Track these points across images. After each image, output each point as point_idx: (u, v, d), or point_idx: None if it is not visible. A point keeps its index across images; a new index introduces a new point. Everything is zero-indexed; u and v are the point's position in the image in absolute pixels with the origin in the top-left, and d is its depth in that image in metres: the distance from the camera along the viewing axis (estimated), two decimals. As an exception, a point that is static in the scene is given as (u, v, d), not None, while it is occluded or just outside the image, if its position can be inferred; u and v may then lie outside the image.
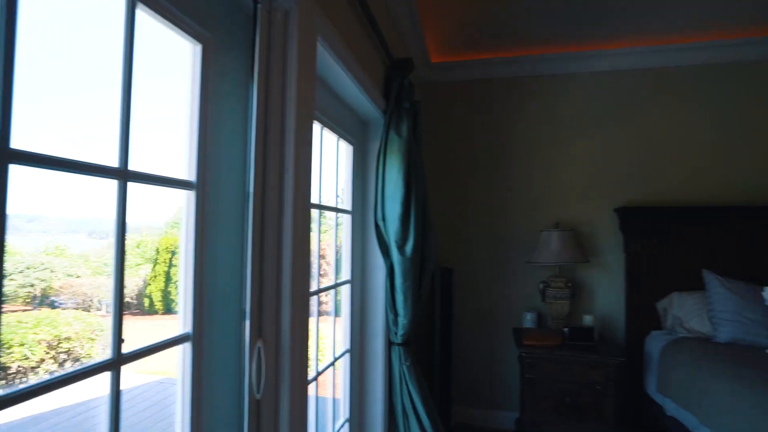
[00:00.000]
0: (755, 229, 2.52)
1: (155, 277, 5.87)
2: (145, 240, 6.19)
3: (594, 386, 2.35)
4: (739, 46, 2.63)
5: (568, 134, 2.88)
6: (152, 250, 6.07)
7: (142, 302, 5.84)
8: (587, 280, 2.82)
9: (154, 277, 5.94)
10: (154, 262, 6.00)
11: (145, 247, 6.22)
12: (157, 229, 6.19)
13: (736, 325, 2.16)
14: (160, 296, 5.62)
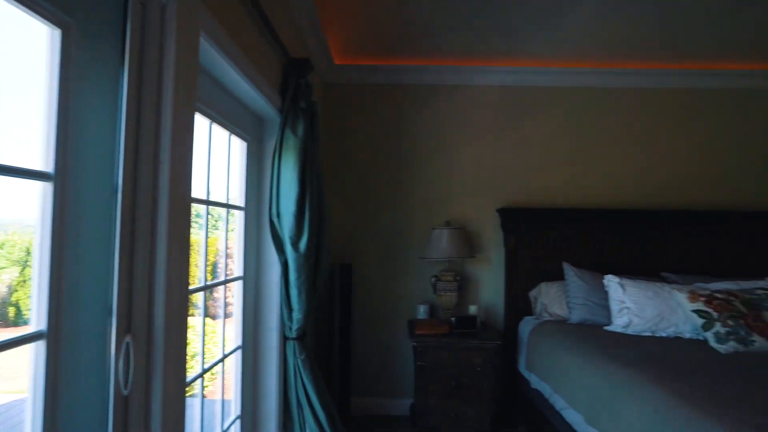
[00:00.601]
0: (603, 228, 3.01)
1: (24, 282, 5.15)
2: (11, 239, 5.39)
3: (475, 368, 2.62)
4: (598, 74, 3.11)
5: (458, 140, 3.15)
6: (21, 251, 5.31)
7: (6, 312, 5.08)
8: (474, 274, 3.12)
9: (22, 281, 5.20)
10: (23, 264, 5.25)
11: (12, 247, 5.42)
12: (31, 226, 5.42)
13: (585, 308, 2.58)
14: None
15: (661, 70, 3.09)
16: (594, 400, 1.78)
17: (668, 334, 2.29)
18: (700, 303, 2.23)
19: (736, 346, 2.04)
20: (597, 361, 1.91)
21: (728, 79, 3.14)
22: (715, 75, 3.12)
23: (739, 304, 2.21)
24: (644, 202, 3.13)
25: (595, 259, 3.00)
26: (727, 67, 3.10)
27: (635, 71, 3.10)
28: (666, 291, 2.39)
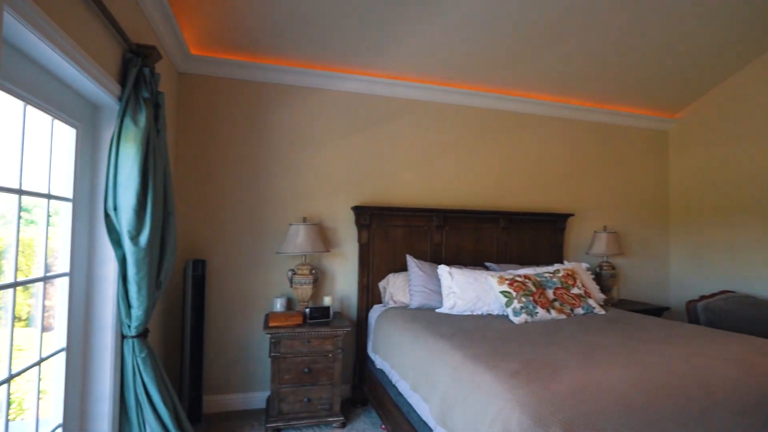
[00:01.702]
0: (442, 226, 3.49)
1: None
2: None
3: (327, 354, 2.82)
4: (441, 91, 3.58)
5: (316, 140, 3.32)
6: None
7: None
8: (330, 267, 3.33)
9: None
10: None
11: None
12: None
13: (423, 294, 2.98)
14: None
15: (486, 93, 3.71)
16: (417, 369, 2.11)
17: (482, 312, 2.80)
18: (505, 285, 2.78)
19: (526, 317, 2.60)
20: (422, 337, 2.26)
21: (531, 106, 3.92)
22: (522, 102, 3.86)
23: (531, 284, 2.82)
24: (475, 203, 3.72)
25: (436, 252, 3.47)
26: (532, 96, 3.87)
27: (470, 92, 3.66)
28: (483, 277, 2.91)
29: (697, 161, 4.22)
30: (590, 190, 4.18)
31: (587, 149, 4.19)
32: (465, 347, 1.96)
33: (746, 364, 1.77)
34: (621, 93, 3.96)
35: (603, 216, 4.22)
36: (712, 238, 4.04)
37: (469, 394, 1.60)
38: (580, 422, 1.35)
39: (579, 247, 4.10)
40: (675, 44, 3.33)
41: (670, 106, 4.27)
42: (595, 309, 2.87)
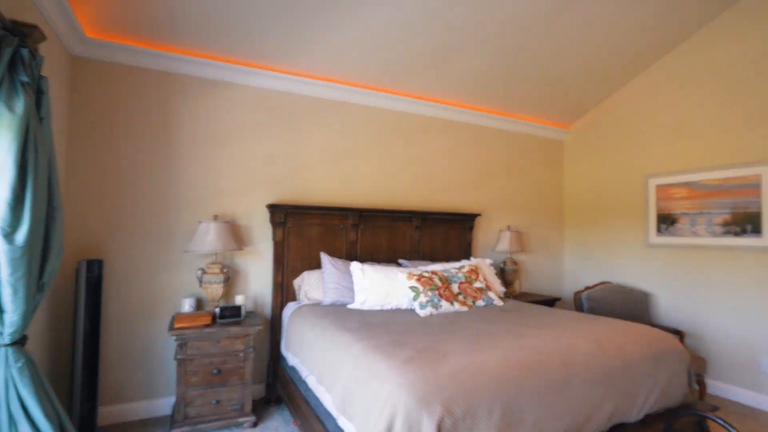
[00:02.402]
0: (358, 224, 3.59)
1: None
2: None
3: (238, 354, 2.77)
4: (359, 94, 3.68)
5: (231, 137, 3.25)
6: None
7: None
8: (244, 265, 3.27)
9: None
10: None
11: None
12: None
13: (336, 291, 3.04)
14: None
15: (403, 98, 3.88)
16: (323, 362, 2.18)
17: (392, 307, 2.93)
18: (413, 281, 2.94)
19: (432, 310, 2.78)
20: (329, 332, 2.32)
21: (443, 112, 4.17)
22: (435, 107, 4.10)
23: (438, 279, 3.02)
24: (390, 203, 3.87)
25: (351, 250, 3.56)
26: (445, 102, 4.12)
27: (387, 95, 3.80)
28: (393, 273, 3.05)
29: (584, 168, 4.77)
30: (497, 192, 4.54)
31: (494, 154, 4.54)
32: (368, 339, 2.06)
33: (601, 342, 2.08)
34: (523, 104, 4.36)
35: (508, 216, 4.60)
36: (595, 235, 4.60)
37: (366, 382, 1.70)
38: (458, 399, 1.50)
39: (487, 244, 4.44)
40: (568, 64, 3.75)
41: (564, 118, 4.78)
42: (495, 301, 3.14)
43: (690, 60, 3.76)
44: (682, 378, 2.27)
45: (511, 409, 1.60)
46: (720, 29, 3.55)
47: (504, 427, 1.57)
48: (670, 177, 3.88)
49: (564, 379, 1.78)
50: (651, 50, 3.82)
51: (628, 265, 4.24)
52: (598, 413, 1.87)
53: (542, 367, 1.78)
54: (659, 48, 3.81)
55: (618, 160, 4.39)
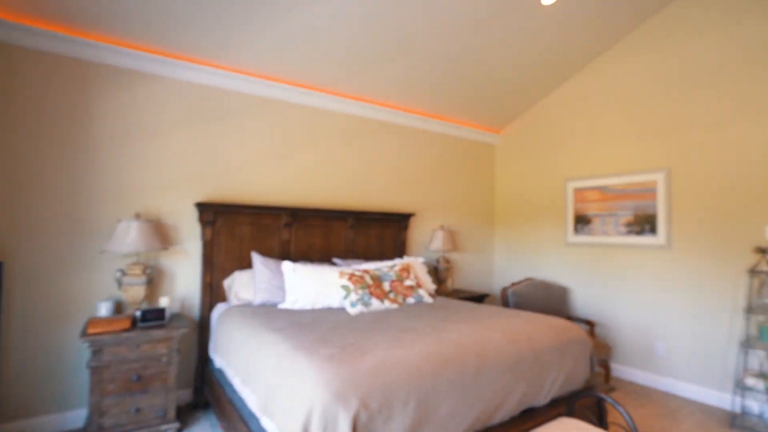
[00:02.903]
0: (292, 223, 3.57)
1: None
2: None
3: (160, 359, 2.66)
4: (295, 92, 3.65)
5: (156, 131, 3.09)
6: None
7: None
8: (169, 266, 3.13)
9: None
10: None
11: None
12: None
13: (267, 291, 3.01)
14: None
15: (340, 98, 3.91)
16: (248, 363, 2.15)
17: (324, 306, 2.95)
18: (345, 279, 2.98)
19: (362, 308, 2.84)
20: (256, 332, 2.30)
21: (380, 113, 4.26)
22: (372, 109, 4.17)
23: (369, 278, 3.08)
24: (325, 202, 3.88)
25: (284, 249, 3.53)
26: (382, 104, 4.21)
27: (323, 95, 3.81)
28: (325, 272, 3.07)
29: (513, 171, 5.08)
30: (431, 193, 4.70)
31: (429, 156, 4.70)
32: (293, 338, 2.07)
33: (513, 334, 2.25)
34: (458, 109, 4.55)
35: (442, 216, 4.79)
36: (522, 234, 4.92)
37: (288, 380, 1.71)
38: (375, 393, 1.57)
39: (421, 243, 4.58)
40: (498, 73, 3.98)
41: (496, 123, 5.05)
42: (425, 298, 3.27)
43: (600, 76, 4.13)
44: (585, 364, 2.51)
45: (427, 399, 1.70)
46: (625, 51, 3.94)
47: (419, 417, 1.66)
48: (585, 181, 4.25)
49: (477, 370, 1.91)
50: (569, 65, 4.16)
51: (550, 262, 4.57)
52: (509, 399, 2.02)
53: (458, 360, 1.89)
54: (575, 64, 4.16)
55: (542, 164, 4.72)
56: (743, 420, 3.02)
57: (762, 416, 3.05)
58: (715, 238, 3.35)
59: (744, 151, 3.22)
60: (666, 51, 3.67)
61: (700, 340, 3.41)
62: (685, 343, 3.50)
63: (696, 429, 2.92)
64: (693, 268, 3.46)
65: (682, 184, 3.55)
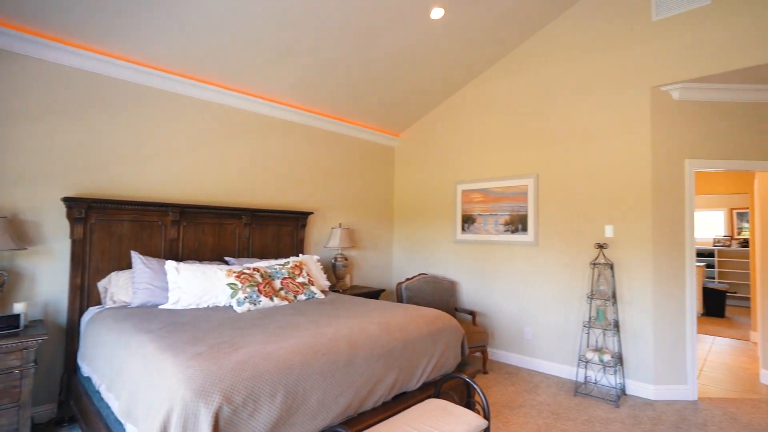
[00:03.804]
0: (180, 221, 3.41)
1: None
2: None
3: (11, 371, 2.39)
4: (187, 85, 3.47)
5: (19, 118, 2.76)
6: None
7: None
8: (29, 268, 2.81)
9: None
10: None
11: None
12: None
13: (147, 291, 2.86)
14: None
15: (235, 93, 3.81)
16: (114, 367, 2.04)
17: (209, 305, 2.89)
18: (232, 278, 2.94)
19: (249, 306, 2.83)
20: (125, 334, 2.19)
21: (279, 111, 4.25)
22: (271, 106, 4.14)
23: (259, 276, 3.08)
24: (219, 199, 3.77)
25: (172, 248, 3.36)
26: (282, 102, 4.19)
27: (217, 89, 3.68)
28: (213, 270, 3.00)
29: (411, 173, 5.38)
30: (332, 192, 4.79)
31: (331, 156, 4.79)
32: (165, 339, 2.01)
33: (389, 325, 2.43)
34: (361, 112, 4.69)
35: (342, 215, 4.90)
36: (418, 232, 5.23)
37: (150, 382, 1.67)
38: (240, 387, 1.61)
39: (320, 241, 4.65)
40: (395, 79, 4.18)
41: (395, 127, 5.30)
42: (317, 294, 3.34)
43: (486, 89, 4.57)
44: (456, 350, 2.79)
45: (296, 390, 1.78)
46: (506, 68, 4.40)
47: (288, 408, 1.73)
48: (471, 184, 4.66)
49: (349, 360, 2.04)
50: (459, 77, 4.53)
51: (442, 258, 4.94)
52: (381, 385, 2.19)
53: (330, 351, 2.00)
54: (464, 76, 4.54)
55: (436, 167, 5.07)
56: (585, 387, 3.59)
57: (598, 383, 3.64)
58: (570, 235, 3.90)
59: (593, 162, 3.80)
60: (539, 71, 4.18)
61: (557, 324, 3.96)
62: (546, 328, 4.04)
63: (549, 398, 3.40)
64: (554, 262, 4.00)
65: (547, 189, 4.08)
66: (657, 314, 3.44)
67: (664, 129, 3.52)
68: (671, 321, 3.45)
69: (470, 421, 2.05)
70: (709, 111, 3.54)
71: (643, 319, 3.48)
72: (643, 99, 3.55)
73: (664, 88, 3.51)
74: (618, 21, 3.69)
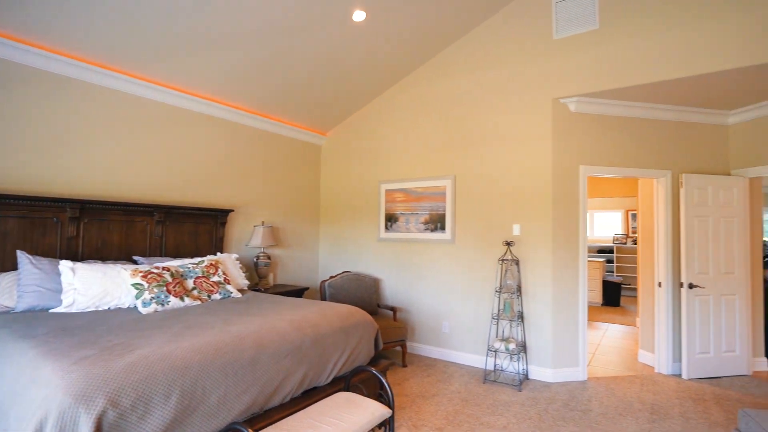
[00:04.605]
0: (77, 217, 3.16)
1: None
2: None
3: None
4: (91, 72, 3.22)
5: None
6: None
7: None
8: None
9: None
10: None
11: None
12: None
13: (36, 294, 2.62)
14: None
15: (152, 85, 3.61)
16: (-11, 378, 1.86)
17: (110, 307, 2.72)
18: (137, 278, 2.79)
19: (156, 307, 2.70)
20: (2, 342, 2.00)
21: (197, 105, 4.09)
22: (188, 99, 3.97)
23: (169, 275, 2.95)
24: (128, 195, 3.54)
25: (70, 247, 3.11)
26: (200, 95, 4.04)
27: (128, 79, 3.45)
28: (116, 270, 2.83)
29: (337, 171, 5.42)
30: (255, 189, 4.70)
31: (255, 153, 4.68)
32: (49, 344, 1.87)
33: (300, 322, 2.46)
34: (287, 110, 4.64)
35: (266, 212, 4.82)
36: (344, 231, 5.29)
37: (24, 391, 1.56)
38: (128, 390, 1.55)
39: (242, 239, 4.54)
40: (321, 79, 4.19)
41: (322, 126, 5.30)
42: (233, 293, 3.27)
43: (409, 93, 4.74)
44: (370, 344, 2.89)
45: (194, 390, 1.75)
46: (428, 73, 4.60)
47: (184, 408, 1.70)
48: (394, 183, 4.80)
49: (254, 357, 2.04)
50: (383, 80, 4.65)
51: (366, 256, 5.04)
52: (289, 381, 2.21)
53: (234, 348, 1.99)
54: (388, 80, 4.67)
55: (361, 167, 5.16)
56: (493, 375, 3.87)
57: (505, 370, 3.95)
58: (483, 233, 4.18)
59: (504, 166, 4.10)
60: (457, 78, 4.42)
61: (471, 317, 4.22)
62: (462, 320, 4.29)
63: (461, 386, 3.62)
64: (469, 258, 4.26)
65: (463, 190, 4.33)
66: (555, 305, 3.80)
67: (563, 137, 3.89)
68: (567, 311, 3.83)
69: (374, 410, 2.15)
70: (600, 123, 3.97)
71: (543, 310, 3.83)
72: (545, 109, 3.90)
73: (563, 101, 3.88)
74: (525, 37, 4.01)
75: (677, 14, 3.30)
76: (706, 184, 3.98)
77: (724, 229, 4.00)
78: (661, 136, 4.08)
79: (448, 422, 2.95)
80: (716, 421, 3.03)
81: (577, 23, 3.74)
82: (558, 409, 3.20)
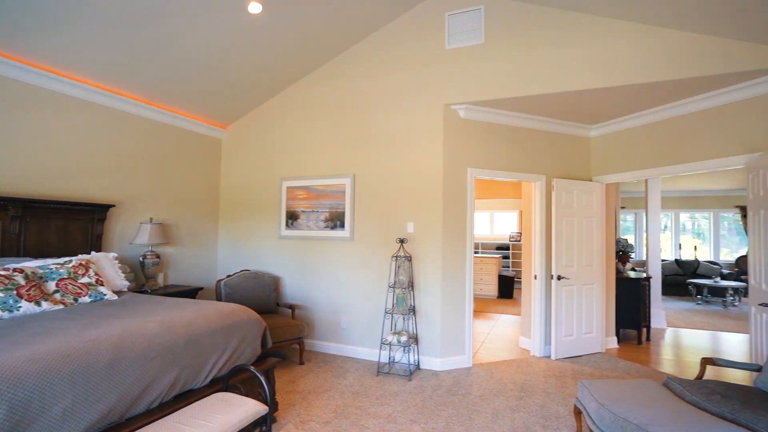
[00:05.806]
0: None
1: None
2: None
3: None
4: None
5: None
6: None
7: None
8: None
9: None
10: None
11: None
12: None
13: None
14: None
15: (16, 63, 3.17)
16: None
17: (-58, 315, 2.35)
18: (-21, 281, 2.45)
19: (1, 314, 2.40)
20: None
21: (70, 88, 3.69)
22: (60, 81, 3.57)
23: (21, 278, 2.63)
24: (-25, 187, 3.09)
25: None
26: (74, 78, 3.64)
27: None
28: (-49, 274, 2.45)
29: (237, 167, 5.23)
30: (143, 183, 4.35)
31: (145, 144, 4.34)
32: None
33: (173, 322, 2.35)
34: (182, 100, 4.35)
35: (156, 208, 4.49)
36: (244, 228, 5.13)
37: None
38: (-62, 406, 1.37)
39: (127, 237, 4.19)
40: (217, 71, 4.00)
41: (222, 119, 5.08)
42: (107, 295, 3.01)
43: (310, 91, 4.74)
44: (255, 343, 2.85)
45: (29, 403, 1.59)
46: (328, 73, 4.63)
47: (15, 424, 1.54)
48: (296, 181, 4.77)
49: (112, 361, 1.91)
50: (284, 76, 4.58)
51: (266, 255, 4.93)
52: (157, 385, 2.10)
53: (87, 353, 1.84)
54: (289, 77, 4.62)
55: (262, 163, 5.04)
56: (387, 367, 4.04)
57: (397, 362, 4.14)
58: (380, 231, 4.33)
59: (399, 166, 4.27)
60: (357, 79, 4.51)
61: (367, 313, 4.35)
62: (359, 316, 4.40)
63: (354, 380, 3.72)
64: (367, 255, 4.38)
65: (362, 188, 4.44)
66: (444, 298, 4.07)
67: (453, 141, 4.17)
68: (455, 303, 4.12)
69: (248, 408, 2.13)
70: (487, 129, 4.33)
71: (433, 303, 4.08)
72: (437, 114, 4.14)
73: (453, 107, 4.17)
74: (421, 44, 4.23)
75: (551, 37, 3.72)
76: (572, 188, 4.54)
77: (586, 228, 4.60)
78: (538, 144, 4.56)
79: (336, 415, 3.02)
80: (570, 393, 3.48)
81: (466, 36, 4.03)
82: (441, 395, 3.44)
